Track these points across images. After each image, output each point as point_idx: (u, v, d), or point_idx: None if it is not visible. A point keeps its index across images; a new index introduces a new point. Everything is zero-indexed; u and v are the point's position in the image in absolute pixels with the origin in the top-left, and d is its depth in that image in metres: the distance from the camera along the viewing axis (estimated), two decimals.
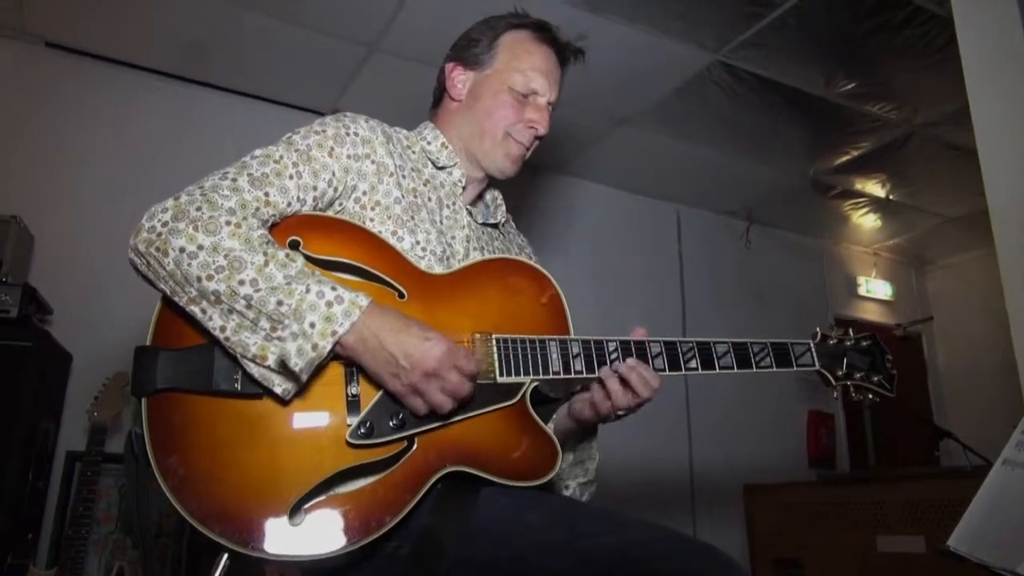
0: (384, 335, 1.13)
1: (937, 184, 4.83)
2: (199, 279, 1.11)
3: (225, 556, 1.06)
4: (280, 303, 1.10)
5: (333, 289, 1.13)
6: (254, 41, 3.42)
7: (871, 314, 5.83)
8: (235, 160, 1.29)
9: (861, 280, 5.84)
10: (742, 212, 5.26)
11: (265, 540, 1.06)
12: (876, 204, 5.15)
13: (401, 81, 3.58)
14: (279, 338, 1.10)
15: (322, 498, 1.11)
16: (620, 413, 1.40)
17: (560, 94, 1.59)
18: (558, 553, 1.13)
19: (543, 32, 1.56)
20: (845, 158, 4.54)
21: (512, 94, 1.51)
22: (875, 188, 4.94)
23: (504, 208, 1.65)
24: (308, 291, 1.12)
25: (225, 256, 1.12)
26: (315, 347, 1.09)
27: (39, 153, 3.29)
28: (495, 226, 1.62)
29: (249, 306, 1.10)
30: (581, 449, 1.58)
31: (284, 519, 1.07)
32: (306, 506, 1.10)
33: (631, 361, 1.38)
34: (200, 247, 1.12)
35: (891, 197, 5.03)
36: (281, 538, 1.07)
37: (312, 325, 1.10)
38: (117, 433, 2.80)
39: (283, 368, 1.10)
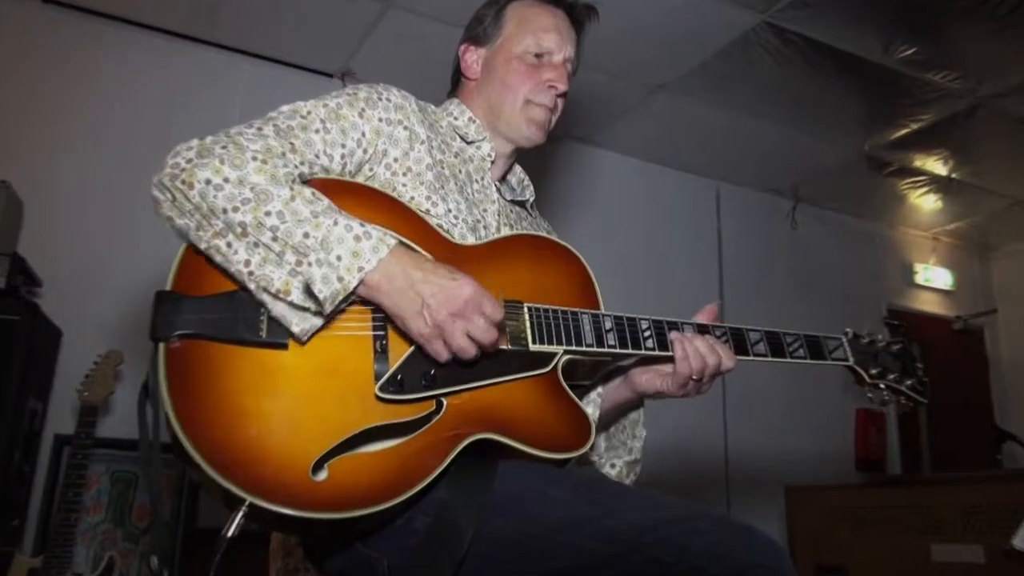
0: (411, 272, 1.19)
1: (1005, 162, 4.77)
2: (225, 211, 1.16)
3: (241, 511, 1.06)
4: (307, 235, 1.16)
5: (362, 225, 1.19)
6: None
7: (929, 305, 5.79)
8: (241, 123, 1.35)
9: (918, 267, 5.80)
10: (788, 190, 5.24)
11: (283, 495, 1.07)
12: (937, 183, 5.09)
13: (418, 41, 3.58)
14: (303, 273, 1.15)
15: (345, 456, 1.14)
16: (695, 379, 1.47)
17: (579, 55, 1.67)
18: (583, 530, 1.16)
19: None
20: (903, 132, 4.48)
21: (524, 60, 1.60)
22: (936, 165, 4.88)
23: (532, 189, 1.75)
24: (336, 224, 1.17)
25: (251, 189, 1.18)
26: (340, 279, 1.14)
27: (31, 114, 3.32)
28: (522, 205, 1.72)
29: (275, 238, 1.16)
30: (628, 426, 1.66)
31: (306, 475, 1.10)
32: (329, 463, 1.12)
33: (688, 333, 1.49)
34: (226, 180, 1.18)
35: (953, 176, 4.97)
36: (300, 494, 1.08)
37: (339, 258, 1.15)
38: (109, 415, 2.84)
39: (308, 296, 1.15)
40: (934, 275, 5.85)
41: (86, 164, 3.35)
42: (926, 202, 5.37)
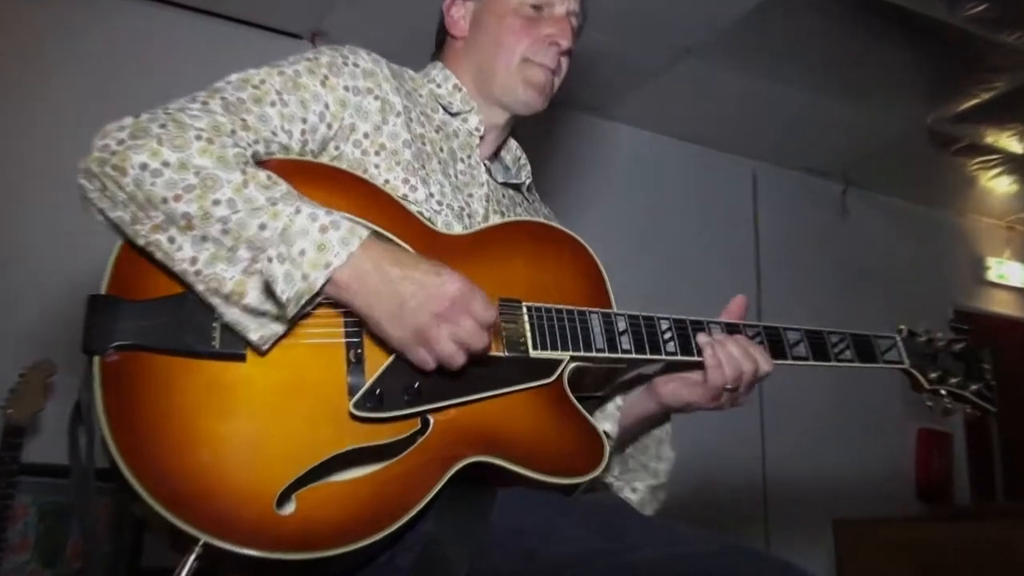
0: (387, 268, 1.19)
1: None
2: (165, 200, 1.16)
3: (195, 553, 1.06)
4: (263, 227, 1.16)
5: (328, 213, 1.18)
6: None
7: (1003, 306, 5.79)
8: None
9: (991, 262, 5.80)
10: (837, 171, 5.24)
11: (243, 532, 1.06)
12: (1012, 163, 5.09)
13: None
14: (260, 271, 1.15)
15: (316, 486, 1.14)
16: (730, 388, 1.48)
17: (584, 11, 1.68)
18: (596, 566, 1.16)
19: None
20: (972, 102, 4.48)
21: (520, 13, 1.61)
22: (1011, 142, 4.88)
23: (529, 168, 1.75)
24: (298, 212, 1.17)
25: (196, 174, 1.17)
26: (305, 277, 1.14)
27: None
28: (517, 188, 1.72)
29: (226, 231, 1.16)
30: (651, 445, 1.65)
31: (269, 509, 1.09)
32: (297, 494, 1.12)
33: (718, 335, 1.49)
34: (165, 163, 1.17)
35: None
36: (263, 532, 1.07)
37: (302, 253, 1.14)
38: (37, 436, 2.84)
39: (267, 298, 1.15)
40: (1009, 271, 5.84)
41: (16, 138, 3.33)
42: (999, 185, 5.37)
